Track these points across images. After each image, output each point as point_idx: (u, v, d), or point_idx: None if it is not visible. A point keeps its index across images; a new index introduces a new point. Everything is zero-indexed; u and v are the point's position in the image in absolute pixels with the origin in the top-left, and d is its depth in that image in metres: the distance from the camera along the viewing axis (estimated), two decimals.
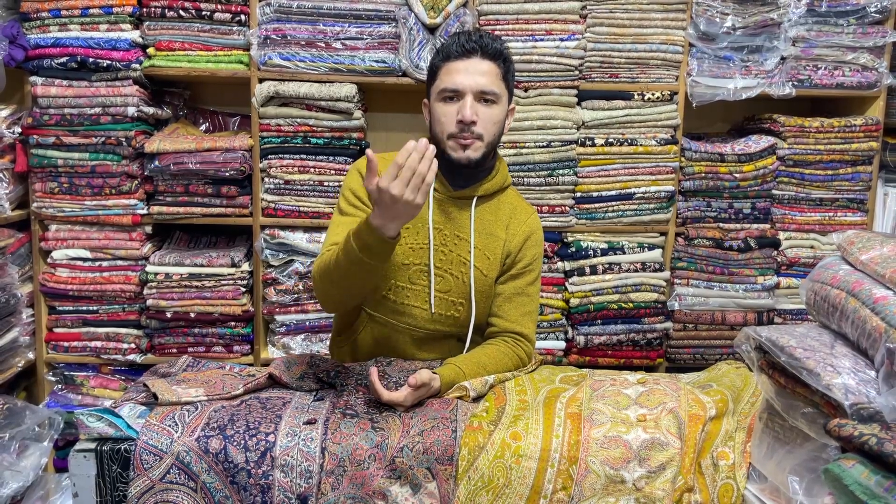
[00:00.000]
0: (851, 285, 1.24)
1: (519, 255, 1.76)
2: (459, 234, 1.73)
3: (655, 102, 2.51)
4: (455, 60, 1.66)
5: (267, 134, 2.45)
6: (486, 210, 1.76)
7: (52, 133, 2.37)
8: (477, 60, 1.66)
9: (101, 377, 2.56)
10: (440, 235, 1.72)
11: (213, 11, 2.38)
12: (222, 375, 1.70)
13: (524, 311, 1.76)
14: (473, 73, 1.65)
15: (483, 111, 1.65)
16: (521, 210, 1.81)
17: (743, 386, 1.61)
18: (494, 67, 1.67)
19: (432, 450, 1.40)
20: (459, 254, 1.72)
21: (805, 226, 2.64)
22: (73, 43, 2.35)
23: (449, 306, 1.73)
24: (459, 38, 1.68)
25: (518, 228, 1.77)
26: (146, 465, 1.40)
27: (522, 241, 1.77)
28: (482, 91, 1.65)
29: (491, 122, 1.67)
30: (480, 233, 1.73)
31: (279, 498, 1.39)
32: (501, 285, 1.76)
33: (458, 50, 1.66)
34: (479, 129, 1.65)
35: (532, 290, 1.78)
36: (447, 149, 1.67)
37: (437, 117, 1.69)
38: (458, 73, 1.65)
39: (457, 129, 1.64)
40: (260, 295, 2.52)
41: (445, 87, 1.66)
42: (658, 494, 1.35)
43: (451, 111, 1.65)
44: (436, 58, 1.72)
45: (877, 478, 0.94)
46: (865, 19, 2.51)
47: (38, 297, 2.50)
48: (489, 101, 1.66)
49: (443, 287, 1.73)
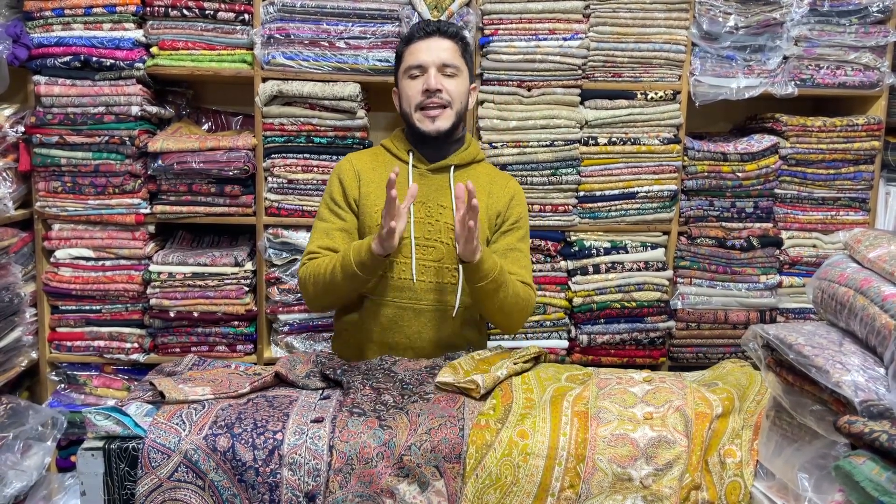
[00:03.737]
0: (859, 283, 1.24)
1: (507, 212, 1.91)
2: (441, 203, 1.86)
3: (658, 102, 2.52)
4: (417, 41, 1.86)
5: (270, 133, 2.45)
6: (464, 178, 1.84)
7: (55, 132, 2.37)
8: (437, 39, 1.86)
9: (104, 377, 2.55)
10: (424, 208, 1.86)
11: (217, 10, 2.38)
12: (228, 374, 1.70)
13: (520, 264, 1.89)
14: (435, 50, 1.85)
15: (446, 82, 1.84)
16: (499, 177, 1.98)
17: (748, 384, 1.61)
18: (453, 45, 1.87)
19: (440, 448, 1.40)
20: (446, 221, 1.85)
21: (807, 225, 2.65)
22: (76, 42, 2.35)
23: (444, 273, 1.84)
24: (420, 23, 1.92)
25: (501, 192, 1.92)
26: (154, 464, 1.40)
27: (508, 201, 1.92)
28: (444, 63, 1.84)
29: (456, 91, 1.85)
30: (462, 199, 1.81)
31: (287, 496, 1.39)
32: (495, 244, 1.90)
33: (420, 32, 1.87)
34: (446, 97, 1.83)
35: (523, 245, 1.93)
36: (416, 122, 1.85)
37: (405, 92, 1.87)
38: (420, 51, 1.85)
39: (423, 98, 1.82)
40: (263, 294, 2.52)
41: (410, 64, 1.85)
42: (665, 492, 1.36)
43: (418, 84, 1.84)
44: (400, 45, 1.92)
45: (888, 474, 0.95)
46: (867, 19, 2.52)
47: (41, 296, 2.49)
48: (451, 75, 1.85)
49: (435, 256, 1.84)
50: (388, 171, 1.76)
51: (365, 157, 1.95)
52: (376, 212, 1.82)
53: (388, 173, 1.72)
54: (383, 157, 1.94)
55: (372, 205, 1.85)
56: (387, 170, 1.84)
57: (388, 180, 1.61)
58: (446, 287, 1.84)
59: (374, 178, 1.88)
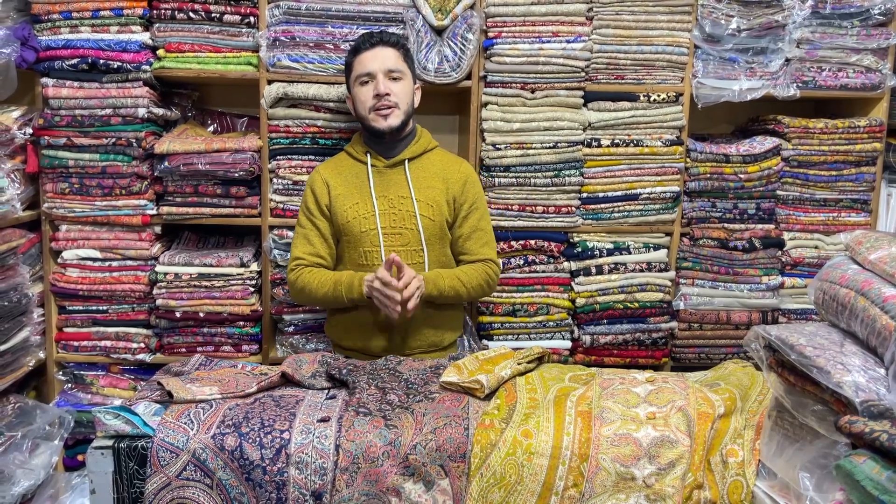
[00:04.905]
0: (860, 284, 1.26)
1: (462, 197, 2.12)
2: (402, 195, 2.09)
3: (661, 104, 2.53)
4: (364, 52, 2.08)
5: (275, 135, 2.47)
6: (419, 168, 2.12)
7: (62, 134, 2.39)
8: (381, 48, 2.08)
9: (110, 376, 2.57)
10: (386, 201, 2.09)
11: (223, 13, 2.39)
12: (235, 374, 1.72)
13: (483, 242, 2.14)
14: (381, 58, 2.07)
15: (393, 85, 2.06)
16: (451, 162, 2.18)
17: (750, 384, 1.62)
18: (396, 52, 2.09)
19: (445, 447, 1.42)
20: (407, 209, 2.08)
21: (809, 226, 2.66)
22: (83, 45, 2.36)
23: (412, 255, 2.07)
24: (364, 36, 2.12)
25: (454, 177, 2.13)
26: (163, 462, 1.41)
27: (462, 186, 2.13)
28: (390, 69, 2.06)
29: (402, 92, 2.07)
30: (419, 188, 2.09)
31: (294, 494, 1.41)
32: (459, 229, 2.13)
33: (366, 44, 2.08)
34: (395, 99, 2.05)
35: (484, 223, 2.15)
36: (370, 122, 2.07)
37: (358, 98, 2.09)
38: (368, 60, 2.07)
39: (374, 102, 2.04)
40: (268, 294, 2.54)
41: (360, 72, 2.08)
42: (668, 491, 1.37)
43: (368, 90, 2.06)
44: (349, 56, 2.13)
45: (888, 473, 0.96)
46: (869, 21, 2.53)
47: (48, 296, 2.51)
48: (396, 78, 2.07)
49: (402, 241, 2.07)
50: (352, 173, 2.12)
51: (330, 166, 2.18)
52: (346, 210, 2.09)
53: (352, 176, 2.11)
54: (346, 161, 2.17)
55: (341, 205, 2.10)
56: (351, 173, 2.13)
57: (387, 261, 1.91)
58: (415, 267, 2.05)
59: (340, 181, 2.13)
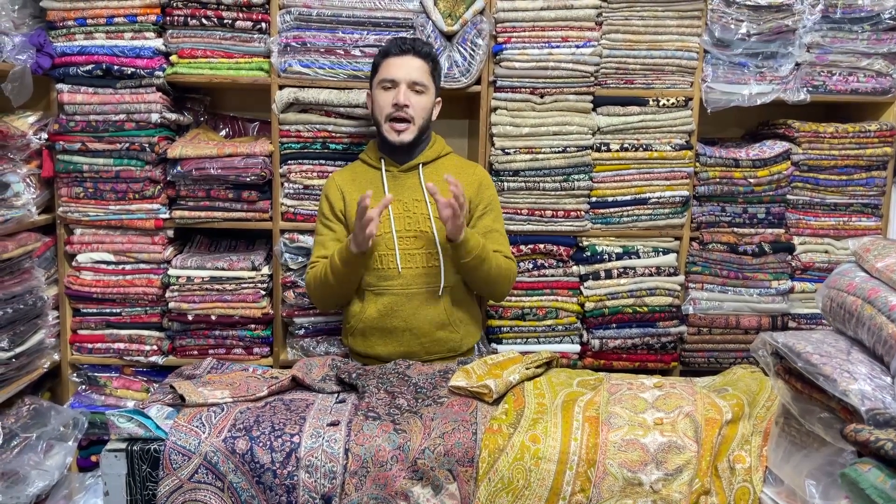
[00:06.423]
0: (867, 293, 1.26)
1: (477, 198, 2.13)
2: (416, 198, 2.09)
3: (670, 108, 2.53)
4: (393, 57, 2.06)
5: (287, 140, 2.49)
6: (433, 172, 2.11)
7: (77, 139, 2.42)
8: (410, 58, 2.05)
9: (123, 378, 2.60)
10: (400, 205, 2.08)
11: (235, 20, 2.42)
12: (246, 377, 1.74)
13: (499, 242, 2.12)
14: (407, 68, 2.05)
15: (414, 98, 2.04)
16: (465, 166, 2.19)
17: (758, 390, 1.63)
18: (424, 64, 2.07)
19: (453, 452, 1.43)
20: (422, 213, 2.07)
21: (819, 230, 2.65)
22: (98, 51, 2.40)
23: (428, 258, 2.06)
24: (397, 40, 2.10)
25: (468, 179, 2.12)
26: (175, 465, 1.44)
27: (477, 188, 2.13)
28: (414, 81, 2.04)
29: (421, 107, 2.06)
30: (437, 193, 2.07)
31: (304, 498, 1.43)
32: (473, 228, 2.09)
33: (396, 49, 2.06)
34: (411, 112, 2.04)
35: (498, 225, 2.16)
36: (385, 131, 2.07)
37: (377, 102, 2.08)
38: (395, 66, 2.05)
39: (392, 110, 2.03)
40: (279, 298, 2.56)
41: (384, 77, 2.06)
42: (675, 497, 1.38)
43: (389, 97, 2.05)
44: (378, 56, 2.11)
45: (893, 481, 0.97)
46: (880, 26, 2.52)
47: (63, 299, 2.54)
48: (419, 92, 2.06)
49: (418, 245, 2.06)
50: (366, 179, 2.12)
51: (345, 174, 2.19)
52: None
53: (366, 182, 2.10)
54: (360, 168, 2.18)
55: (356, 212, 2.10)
56: (365, 179, 2.13)
57: (360, 197, 1.87)
58: (432, 270, 2.06)
59: (354, 188, 2.12)
